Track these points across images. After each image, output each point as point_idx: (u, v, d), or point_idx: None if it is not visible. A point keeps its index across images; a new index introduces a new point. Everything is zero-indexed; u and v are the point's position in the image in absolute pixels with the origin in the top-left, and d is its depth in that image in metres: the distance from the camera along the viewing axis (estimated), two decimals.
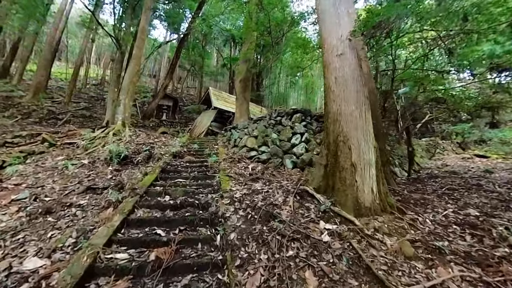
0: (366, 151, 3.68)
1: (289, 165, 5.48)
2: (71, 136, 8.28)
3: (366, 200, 3.50)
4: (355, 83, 3.97)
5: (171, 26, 17.17)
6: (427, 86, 7.35)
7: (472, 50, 6.41)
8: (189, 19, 16.47)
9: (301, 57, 14.00)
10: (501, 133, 14.76)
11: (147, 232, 2.74)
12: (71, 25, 29.56)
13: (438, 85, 6.77)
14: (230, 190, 3.85)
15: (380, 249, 2.74)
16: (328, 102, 4.10)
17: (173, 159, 5.66)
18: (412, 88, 8.00)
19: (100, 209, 3.22)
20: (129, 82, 8.53)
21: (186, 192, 3.74)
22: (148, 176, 4.20)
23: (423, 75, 6.86)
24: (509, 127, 15.30)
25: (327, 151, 3.87)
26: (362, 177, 3.55)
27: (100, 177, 4.50)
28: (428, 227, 3.46)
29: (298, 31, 15.91)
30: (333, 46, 4.32)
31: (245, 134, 7.28)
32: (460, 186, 6.45)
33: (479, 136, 15.48)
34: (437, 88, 6.16)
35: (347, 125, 3.73)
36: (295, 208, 3.33)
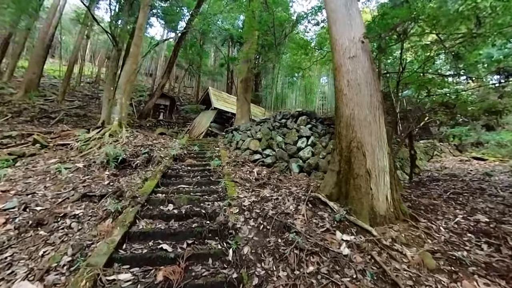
0: (381, 157, 3.53)
1: (296, 170, 5.29)
2: (64, 137, 7.91)
3: (381, 209, 3.35)
4: (369, 86, 3.82)
5: (168, 24, 16.83)
6: (431, 89, 7.29)
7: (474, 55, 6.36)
8: (187, 17, 16.16)
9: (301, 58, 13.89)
10: (498, 136, 14.93)
11: (151, 247, 2.50)
12: (65, 21, 28.79)
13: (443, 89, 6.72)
14: (237, 197, 3.63)
15: (402, 262, 2.60)
16: (340, 105, 3.93)
17: (173, 163, 5.40)
18: (415, 91, 7.93)
19: (97, 220, 2.96)
20: (126, 80, 8.21)
21: (190, 199, 3.51)
22: (149, 182, 3.95)
23: (427, 78, 6.80)
24: (506, 129, 15.52)
25: (340, 157, 3.70)
26: (377, 185, 3.39)
27: (97, 183, 4.22)
28: (444, 236, 3.37)
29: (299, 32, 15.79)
30: (345, 48, 4.16)
31: (248, 136, 7.07)
32: (464, 190, 6.40)
33: (476, 138, 15.62)
34: (447, 93, 6.06)
35: (361, 131, 3.57)
36: (309, 218, 3.14)
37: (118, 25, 11.25)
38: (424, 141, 15.89)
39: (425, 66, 6.01)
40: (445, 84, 6.56)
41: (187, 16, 16.20)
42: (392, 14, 3.79)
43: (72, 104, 16.27)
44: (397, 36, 4.71)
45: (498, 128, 15.82)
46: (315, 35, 14.48)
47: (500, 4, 4.01)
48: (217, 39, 20.70)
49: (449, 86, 6.77)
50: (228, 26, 18.87)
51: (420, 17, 4.09)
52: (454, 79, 6.58)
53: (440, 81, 6.72)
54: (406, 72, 7.03)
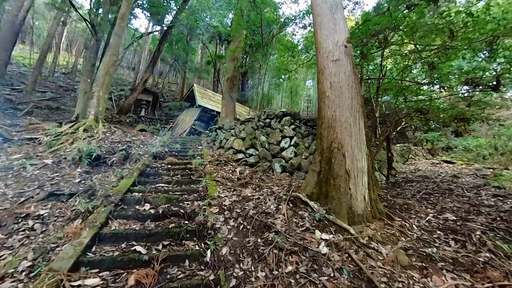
0: (360, 158, 3.64)
1: (278, 169, 5.32)
2: (32, 130, 7.30)
3: (359, 208, 3.46)
4: (350, 90, 3.94)
5: (154, 16, 16.17)
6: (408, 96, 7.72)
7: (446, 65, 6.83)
8: (174, 11, 15.66)
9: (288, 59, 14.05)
10: (465, 141, 16.21)
11: (124, 249, 2.36)
12: (39, 5, 26.68)
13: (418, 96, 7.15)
14: (218, 196, 3.56)
15: (377, 259, 2.70)
16: (322, 107, 4.01)
17: (153, 161, 5.18)
18: (393, 97, 8.36)
19: (65, 221, 2.75)
20: (105, 72, 7.76)
21: (169, 199, 3.37)
22: (125, 181, 3.74)
23: (404, 85, 7.19)
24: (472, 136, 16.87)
25: (321, 157, 3.77)
26: (355, 185, 3.50)
27: (66, 181, 3.93)
28: (416, 233, 3.59)
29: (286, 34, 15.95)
30: (329, 51, 4.26)
31: (232, 135, 6.99)
32: (435, 190, 6.89)
33: (446, 143, 16.81)
34: (422, 99, 6.44)
35: (342, 132, 3.66)
36: (289, 217, 3.15)
37: (98, 14, 10.61)
38: (400, 144, 16.85)
39: (403, 73, 6.36)
40: (421, 91, 6.96)
41: (174, 10, 15.69)
42: (374, 21, 3.93)
43: (44, 96, 15.11)
44: (378, 43, 4.91)
45: (466, 135, 17.22)
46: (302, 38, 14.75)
47: (470, 20, 4.33)
48: (205, 36, 20.30)
49: (424, 93, 7.19)
50: (216, 24, 18.59)
51: (399, 26, 4.29)
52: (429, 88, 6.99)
53: (416, 88, 7.14)
54: (385, 79, 7.39)
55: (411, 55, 6.30)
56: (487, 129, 17.25)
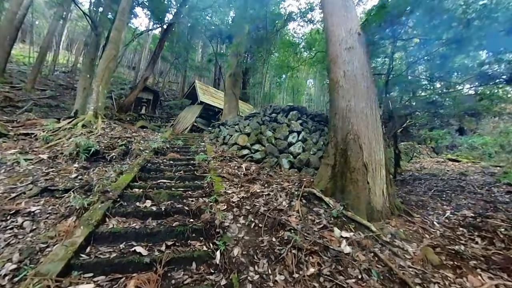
0: (377, 150, 3.38)
1: (286, 165, 5.05)
2: (29, 126, 7.05)
3: (377, 204, 3.21)
4: (365, 79, 3.68)
5: (154, 15, 15.92)
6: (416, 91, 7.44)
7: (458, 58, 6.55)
8: (174, 9, 15.42)
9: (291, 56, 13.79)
10: (471, 139, 15.93)
11: (122, 250, 2.09)
12: (39, 3, 26.48)
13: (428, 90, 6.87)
14: (225, 192, 3.29)
15: (405, 258, 2.47)
16: (335, 97, 3.74)
17: (154, 156, 4.92)
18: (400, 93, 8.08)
19: (58, 219, 2.48)
20: (105, 67, 7.50)
21: (172, 195, 3.11)
22: (124, 176, 3.48)
23: (414, 79, 6.90)
24: (478, 134, 16.58)
25: (335, 150, 3.50)
26: (373, 179, 3.24)
27: (62, 176, 3.67)
28: (438, 230, 3.40)
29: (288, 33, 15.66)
30: (341, 39, 4.00)
31: (236, 131, 6.72)
32: (445, 188, 6.67)
33: (450, 141, 16.53)
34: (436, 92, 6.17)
35: (358, 123, 3.40)
36: (304, 214, 2.89)
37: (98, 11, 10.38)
38: (404, 143, 16.58)
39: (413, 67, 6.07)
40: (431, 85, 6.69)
41: (174, 8, 15.46)
42: (392, 3, 3.67)
43: (44, 94, 14.90)
44: (391, 32, 4.65)
45: (469, 133, 16.94)
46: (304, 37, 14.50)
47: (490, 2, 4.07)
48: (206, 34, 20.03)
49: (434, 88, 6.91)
50: (217, 22, 18.32)
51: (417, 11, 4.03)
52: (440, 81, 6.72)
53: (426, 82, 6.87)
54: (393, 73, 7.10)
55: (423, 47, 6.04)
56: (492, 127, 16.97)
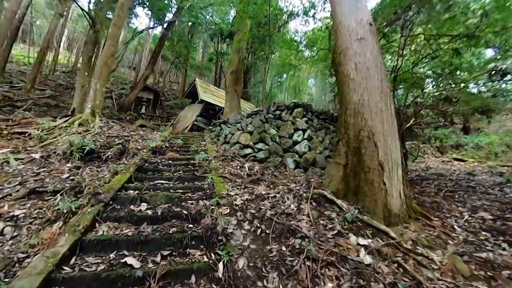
0: (393, 148, 3.11)
1: (291, 165, 4.78)
2: (25, 125, 6.82)
3: (394, 206, 2.94)
4: (379, 71, 3.41)
5: (154, 14, 15.72)
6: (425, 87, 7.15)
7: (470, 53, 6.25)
8: (174, 8, 15.22)
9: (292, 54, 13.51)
10: (477, 138, 15.62)
11: (112, 261, 1.83)
12: (40, 3, 26.34)
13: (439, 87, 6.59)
14: (227, 195, 3.03)
15: (432, 269, 2.21)
16: (346, 92, 3.47)
17: (152, 156, 4.66)
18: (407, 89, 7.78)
19: (43, 224, 2.23)
20: (103, 64, 7.27)
21: (169, 198, 2.85)
22: (119, 176, 3.23)
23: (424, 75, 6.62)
24: (484, 133, 16.25)
25: (347, 148, 3.23)
26: (390, 179, 2.96)
27: (53, 177, 3.42)
28: (461, 235, 3.14)
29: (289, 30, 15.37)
30: (351, 30, 3.73)
31: (238, 130, 6.46)
32: (456, 188, 6.40)
33: (455, 141, 16.24)
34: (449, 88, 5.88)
35: (372, 118, 3.12)
36: (315, 218, 2.62)
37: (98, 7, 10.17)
38: (409, 142, 16.26)
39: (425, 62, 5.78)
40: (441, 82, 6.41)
41: (175, 8, 15.26)
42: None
43: (43, 93, 14.76)
44: (402, 23, 4.37)
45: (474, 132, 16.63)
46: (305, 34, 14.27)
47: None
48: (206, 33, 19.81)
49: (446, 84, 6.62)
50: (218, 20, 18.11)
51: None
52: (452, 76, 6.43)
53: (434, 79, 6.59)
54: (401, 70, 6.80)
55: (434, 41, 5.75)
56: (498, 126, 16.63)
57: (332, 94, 22.16)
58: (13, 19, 12.92)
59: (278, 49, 15.72)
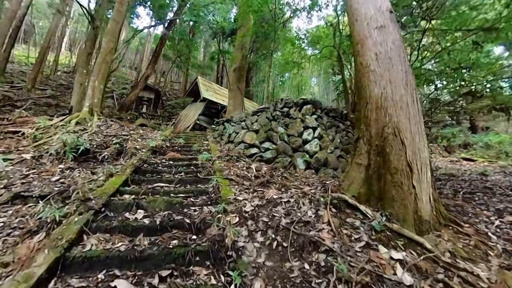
0: (422, 147, 2.75)
1: (302, 166, 4.44)
2: (20, 124, 6.54)
3: (425, 212, 2.59)
4: (402, 62, 3.06)
5: (156, 14, 15.46)
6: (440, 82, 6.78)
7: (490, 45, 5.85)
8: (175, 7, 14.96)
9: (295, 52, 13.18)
10: (486, 137, 15.16)
11: (99, 284, 1.50)
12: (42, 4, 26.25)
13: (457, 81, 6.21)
14: (235, 199, 2.69)
15: (480, 287, 1.82)
16: (366, 84, 3.12)
17: (151, 156, 4.34)
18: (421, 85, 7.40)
19: (22, 236, 1.91)
20: (101, 60, 6.98)
21: (170, 203, 2.52)
22: (114, 179, 2.90)
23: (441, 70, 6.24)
24: (495, 132, 15.79)
25: (368, 147, 2.88)
26: (419, 182, 2.61)
27: (42, 179, 3.11)
28: (498, 244, 2.76)
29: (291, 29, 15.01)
30: (370, 17, 3.39)
31: (242, 128, 6.12)
32: (473, 190, 6.01)
33: (463, 140, 15.82)
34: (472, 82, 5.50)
35: (397, 114, 2.77)
36: (336, 227, 2.27)
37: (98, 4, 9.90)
38: None
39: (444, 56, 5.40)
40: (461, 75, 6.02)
41: (176, 7, 15.01)
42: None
43: (44, 93, 14.61)
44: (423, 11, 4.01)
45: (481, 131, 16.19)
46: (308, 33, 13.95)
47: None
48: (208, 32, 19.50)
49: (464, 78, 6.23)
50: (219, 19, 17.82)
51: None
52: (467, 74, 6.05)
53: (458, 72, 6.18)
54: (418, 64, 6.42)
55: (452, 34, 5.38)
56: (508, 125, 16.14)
57: (335, 92, 21.77)
58: (14, 18, 12.73)
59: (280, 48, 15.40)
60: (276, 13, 7.72)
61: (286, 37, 12.67)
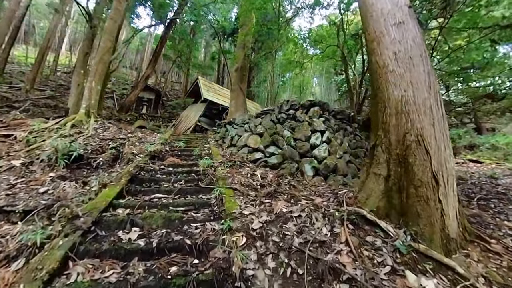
0: (447, 156, 2.48)
1: (310, 172, 4.17)
2: (14, 126, 6.29)
3: (452, 229, 2.33)
4: (424, 61, 2.79)
5: (156, 13, 15.22)
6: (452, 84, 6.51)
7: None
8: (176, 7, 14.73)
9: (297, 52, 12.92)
10: (494, 138, 14.87)
11: None
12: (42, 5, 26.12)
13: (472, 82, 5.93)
14: (240, 214, 2.43)
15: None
16: (384, 86, 2.85)
17: (149, 162, 4.07)
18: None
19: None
20: (98, 60, 6.73)
21: (168, 219, 2.26)
22: (107, 190, 2.63)
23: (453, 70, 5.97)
24: (502, 133, 15.50)
25: (388, 156, 2.61)
26: (446, 196, 2.34)
27: (30, 190, 2.85)
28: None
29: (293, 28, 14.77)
30: (387, 13, 3.12)
31: (245, 131, 5.86)
32: (487, 195, 5.73)
33: (469, 141, 15.52)
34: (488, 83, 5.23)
35: (421, 119, 2.50)
36: (355, 247, 2.01)
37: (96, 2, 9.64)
38: None
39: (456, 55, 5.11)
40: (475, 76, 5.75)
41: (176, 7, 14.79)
42: None
43: (43, 94, 14.42)
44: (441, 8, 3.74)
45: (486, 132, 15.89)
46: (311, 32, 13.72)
47: None
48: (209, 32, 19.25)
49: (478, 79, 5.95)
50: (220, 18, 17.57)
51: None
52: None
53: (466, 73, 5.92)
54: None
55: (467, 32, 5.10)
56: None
57: (338, 93, 21.48)
58: (13, 18, 12.52)
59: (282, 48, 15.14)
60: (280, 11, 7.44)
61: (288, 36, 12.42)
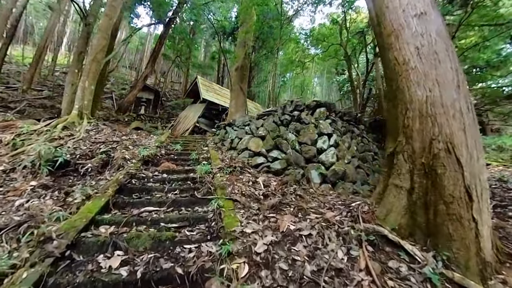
0: (481, 167, 2.15)
1: (316, 179, 3.84)
2: (3, 128, 5.99)
3: (487, 252, 2.00)
4: (451, 57, 2.46)
5: (156, 12, 14.92)
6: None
7: None
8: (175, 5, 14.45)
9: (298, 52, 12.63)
10: (500, 140, 14.57)
11: None
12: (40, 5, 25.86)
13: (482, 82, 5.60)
14: (241, 233, 2.10)
15: None
16: (405, 85, 2.52)
17: (142, 168, 3.74)
18: None
19: None
20: (92, 59, 6.41)
21: (157, 240, 1.93)
22: (90, 204, 2.31)
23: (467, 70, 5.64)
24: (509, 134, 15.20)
25: (411, 165, 2.28)
26: (480, 213, 2.02)
27: (5, 203, 2.53)
28: None
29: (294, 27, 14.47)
30: (406, 3, 2.79)
31: (246, 133, 5.54)
32: (501, 202, 5.41)
33: None
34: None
35: (450, 124, 2.17)
36: (377, 275, 1.68)
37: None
38: None
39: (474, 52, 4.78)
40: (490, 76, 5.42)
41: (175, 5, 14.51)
42: None
43: (40, 94, 14.17)
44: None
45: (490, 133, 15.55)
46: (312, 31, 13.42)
47: None
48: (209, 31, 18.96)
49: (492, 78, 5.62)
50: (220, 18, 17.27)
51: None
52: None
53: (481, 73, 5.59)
54: None
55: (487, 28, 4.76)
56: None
57: (340, 93, 21.14)
58: (8, 17, 12.25)
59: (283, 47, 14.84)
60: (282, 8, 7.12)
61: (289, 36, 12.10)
